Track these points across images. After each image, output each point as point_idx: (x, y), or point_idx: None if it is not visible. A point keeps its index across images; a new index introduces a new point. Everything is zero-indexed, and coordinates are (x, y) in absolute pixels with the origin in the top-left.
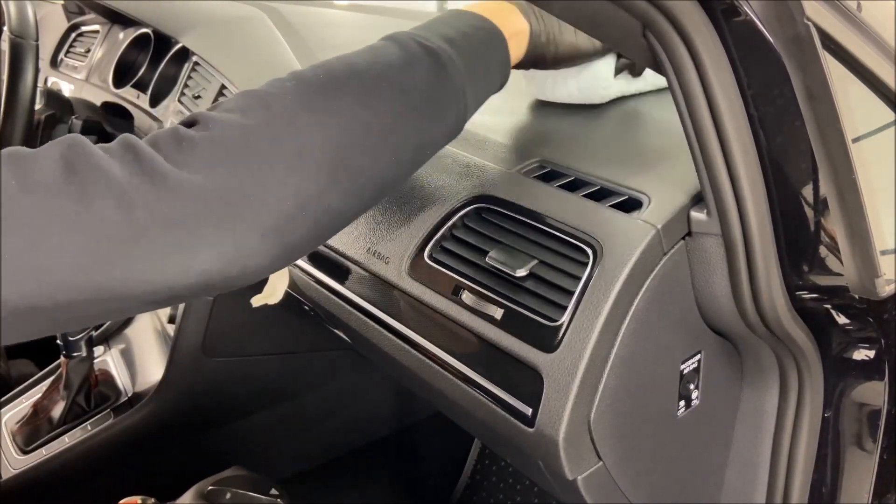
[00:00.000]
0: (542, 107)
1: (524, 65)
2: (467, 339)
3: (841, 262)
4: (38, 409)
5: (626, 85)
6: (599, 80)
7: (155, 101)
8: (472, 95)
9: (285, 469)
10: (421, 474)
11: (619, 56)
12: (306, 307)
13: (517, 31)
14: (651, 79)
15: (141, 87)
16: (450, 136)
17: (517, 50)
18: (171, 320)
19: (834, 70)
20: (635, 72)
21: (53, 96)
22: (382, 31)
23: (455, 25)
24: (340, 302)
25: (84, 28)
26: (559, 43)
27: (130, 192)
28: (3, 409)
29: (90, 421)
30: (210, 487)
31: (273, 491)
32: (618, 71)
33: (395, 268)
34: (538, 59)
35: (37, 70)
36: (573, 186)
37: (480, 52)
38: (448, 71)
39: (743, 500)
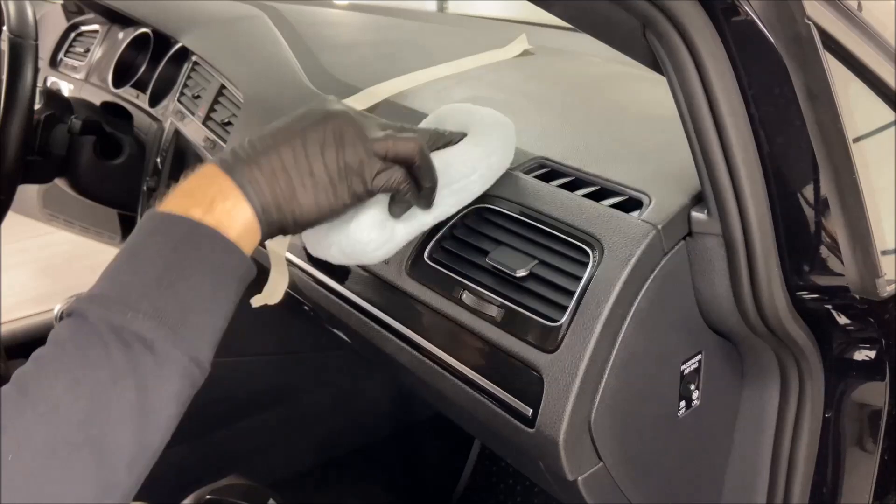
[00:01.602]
0: (542, 107)
1: (270, 237)
2: (467, 339)
3: (842, 263)
4: None
5: (414, 227)
6: (361, 243)
7: (154, 101)
8: (201, 345)
9: (285, 469)
10: (421, 474)
11: (393, 197)
12: (306, 307)
13: (243, 222)
14: (448, 208)
15: (140, 86)
16: (193, 386)
17: (251, 239)
18: None
19: (834, 70)
20: (425, 203)
21: (53, 96)
22: (382, 31)
23: (167, 276)
24: (340, 302)
25: (83, 28)
26: (295, 208)
27: None
28: None
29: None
30: (208, 497)
31: (271, 501)
32: (397, 214)
33: (395, 268)
34: (280, 231)
35: (36, 70)
36: (573, 186)
37: (206, 301)
38: (155, 361)
39: (743, 501)
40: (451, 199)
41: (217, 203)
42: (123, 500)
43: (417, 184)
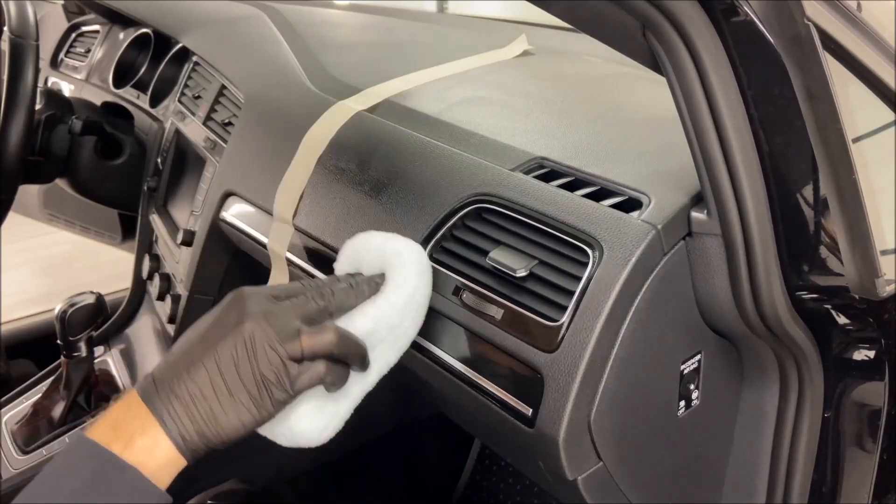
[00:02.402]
0: (543, 107)
1: (197, 458)
2: (467, 339)
3: (841, 263)
4: (38, 409)
5: (358, 393)
6: (305, 433)
7: (155, 102)
8: None
9: (284, 470)
10: (421, 474)
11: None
12: None
13: (163, 457)
14: (389, 358)
15: (141, 87)
16: None
17: (174, 470)
18: (172, 320)
19: (834, 70)
20: (360, 369)
21: (53, 96)
22: (382, 31)
23: None
24: None
25: (84, 28)
26: (219, 430)
27: None
28: (3, 409)
29: (90, 421)
30: (209, 502)
31: None
32: (335, 391)
33: None
34: (208, 450)
35: (37, 70)
36: (573, 186)
37: None
38: None
39: (743, 501)
40: (389, 351)
41: (136, 439)
42: None
43: (345, 363)
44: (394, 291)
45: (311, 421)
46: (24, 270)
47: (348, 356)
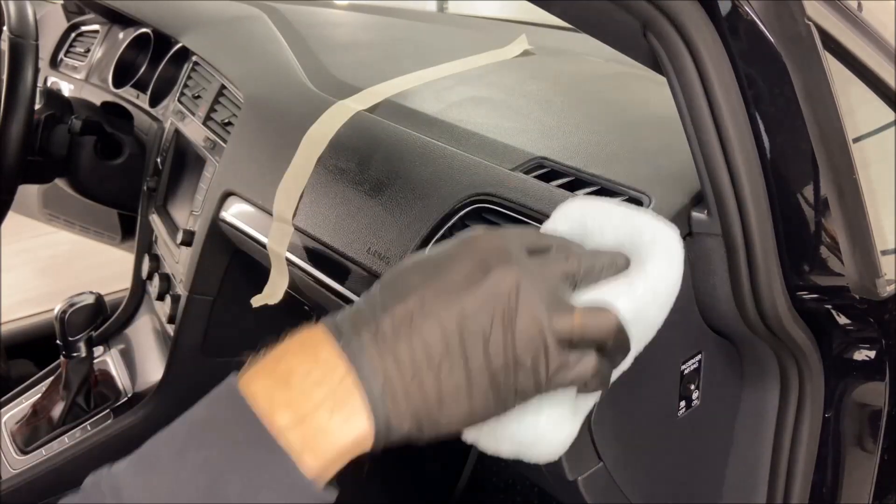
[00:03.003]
0: (543, 107)
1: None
2: None
3: (841, 263)
4: (38, 409)
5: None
6: (552, 442)
7: (155, 101)
8: None
9: None
10: (421, 474)
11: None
12: (306, 307)
13: (348, 442)
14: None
15: (141, 86)
16: None
17: (347, 459)
18: (171, 320)
19: (834, 70)
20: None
21: (53, 96)
22: (382, 31)
23: (212, 493)
24: (340, 302)
25: (84, 28)
26: (441, 419)
27: None
28: (3, 409)
29: (90, 421)
30: None
31: None
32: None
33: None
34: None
35: (36, 70)
36: (573, 186)
37: None
38: None
39: (743, 501)
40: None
41: (321, 414)
42: None
43: (609, 363)
44: (658, 278)
45: (560, 428)
46: (24, 270)
47: (617, 354)
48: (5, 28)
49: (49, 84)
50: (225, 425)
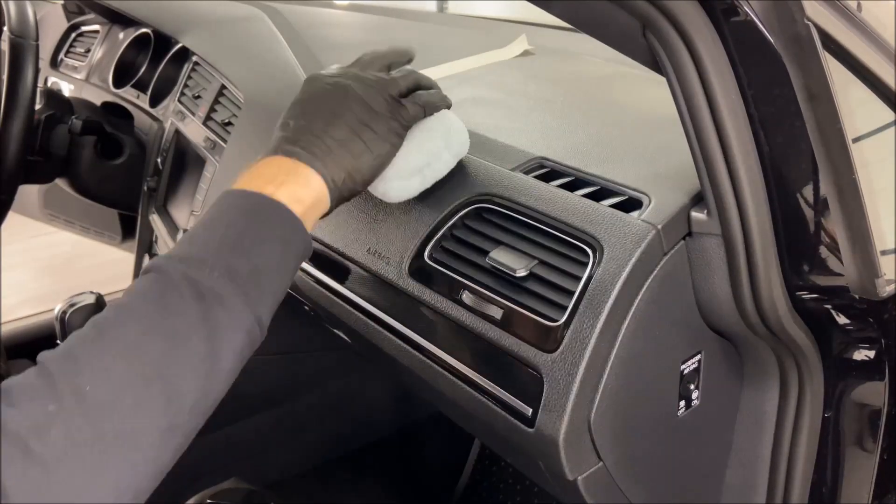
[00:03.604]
0: (543, 107)
1: (337, 206)
2: (467, 339)
3: (841, 263)
4: None
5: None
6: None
7: (155, 101)
8: (265, 308)
9: (284, 470)
10: (421, 474)
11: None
12: (306, 307)
13: (314, 197)
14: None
15: (141, 87)
16: (252, 346)
17: (318, 212)
18: None
19: (834, 70)
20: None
21: (53, 96)
22: (382, 31)
23: (242, 242)
24: (340, 302)
25: (84, 28)
26: (361, 167)
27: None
28: None
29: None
30: (208, 500)
31: None
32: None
33: (395, 268)
34: (348, 197)
35: (37, 70)
36: (573, 186)
37: (273, 269)
38: (226, 314)
39: (743, 501)
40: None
41: (290, 181)
42: (183, 442)
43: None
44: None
45: (458, 121)
46: (23, 270)
47: (432, 84)
48: (6, 28)
49: (49, 84)
50: (238, 205)
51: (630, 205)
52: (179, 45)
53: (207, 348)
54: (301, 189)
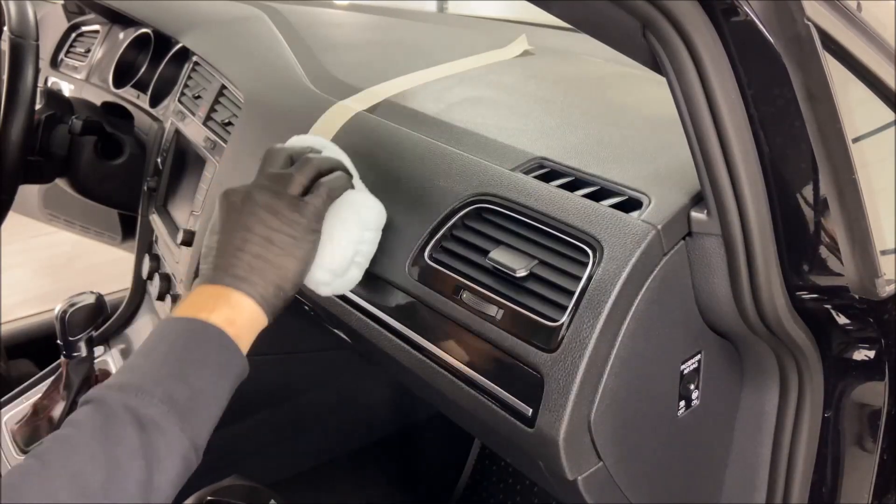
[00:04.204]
0: (543, 107)
1: (275, 316)
2: (467, 339)
3: (841, 263)
4: (38, 409)
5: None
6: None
7: (155, 102)
8: (200, 433)
9: (285, 469)
10: (421, 474)
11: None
12: (306, 307)
13: (249, 316)
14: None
15: (141, 87)
16: (188, 471)
17: (255, 329)
18: None
19: (834, 70)
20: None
21: (53, 96)
22: (382, 31)
23: (180, 367)
24: (340, 302)
25: (84, 28)
26: (286, 274)
27: None
28: (3, 409)
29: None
30: (209, 498)
31: (272, 502)
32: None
33: (395, 268)
34: (284, 305)
35: (37, 70)
36: (573, 186)
37: (209, 393)
38: (165, 442)
39: (743, 500)
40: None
41: (220, 305)
42: None
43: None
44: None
45: (368, 200)
46: (23, 270)
47: (333, 166)
48: (6, 28)
49: (49, 84)
50: (176, 332)
51: (630, 205)
52: (179, 45)
53: (146, 477)
54: (232, 312)
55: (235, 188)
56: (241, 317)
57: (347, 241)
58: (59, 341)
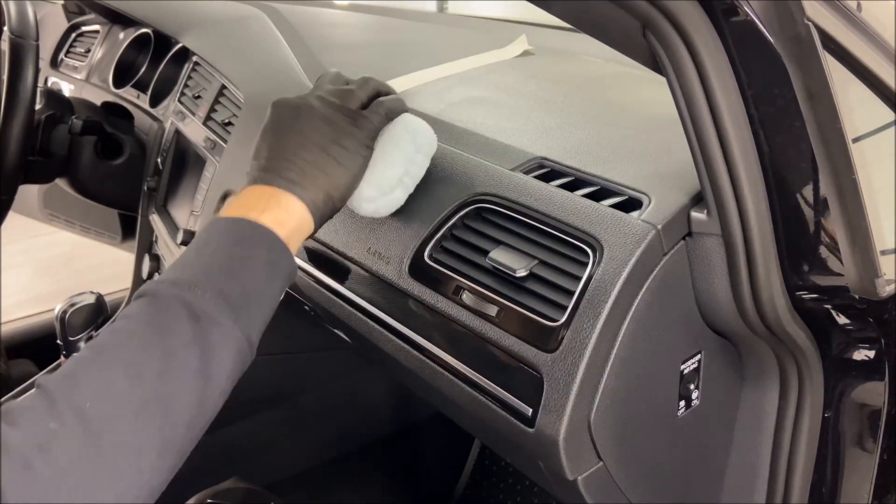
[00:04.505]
0: (543, 107)
1: (321, 224)
2: (467, 339)
3: (841, 263)
4: None
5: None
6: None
7: (155, 101)
8: (254, 329)
9: (285, 469)
10: (421, 474)
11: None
12: (306, 307)
13: (297, 219)
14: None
15: (141, 87)
16: (243, 365)
17: (303, 234)
18: None
19: (834, 70)
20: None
21: (53, 96)
22: (382, 31)
23: (231, 266)
24: (340, 302)
25: (84, 28)
26: (338, 185)
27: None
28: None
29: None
30: (209, 500)
31: None
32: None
33: (395, 268)
34: (330, 215)
35: (37, 70)
36: (573, 186)
37: (261, 291)
38: (219, 333)
39: (743, 501)
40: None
41: (271, 207)
42: (178, 459)
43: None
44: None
45: (420, 121)
46: (23, 270)
47: (389, 90)
48: (6, 28)
49: (49, 84)
50: (226, 231)
51: (630, 205)
52: (179, 45)
53: (202, 366)
54: (283, 213)
55: (287, 98)
56: (291, 219)
57: (400, 160)
58: (59, 341)
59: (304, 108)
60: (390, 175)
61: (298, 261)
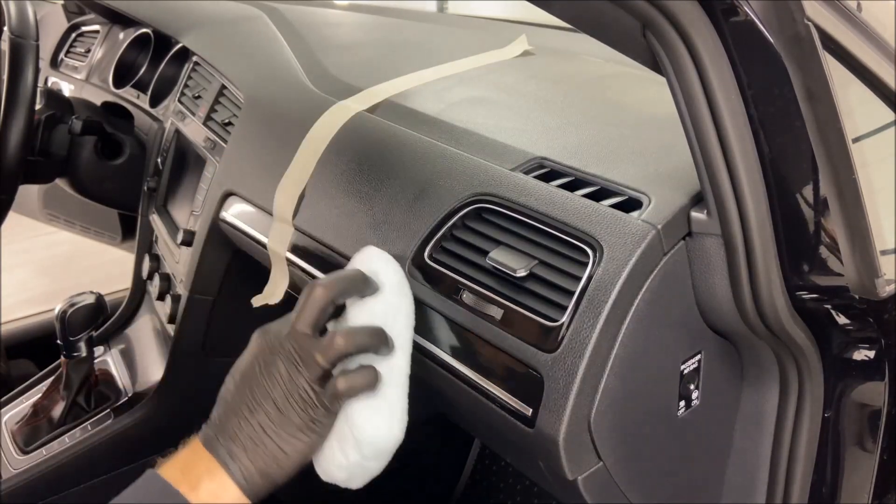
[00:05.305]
0: (543, 107)
1: (260, 498)
2: (467, 339)
3: (841, 263)
4: (38, 409)
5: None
6: (372, 440)
7: (155, 102)
8: None
9: None
10: (421, 474)
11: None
12: None
13: (227, 497)
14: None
15: (141, 87)
16: None
17: None
18: (171, 320)
19: (834, 70)
20: (387, 348)
21: (53, 96)
22: (382, 31)
23: None
24: None
25: (84, 28)
26: (277, 463)
27: None
28: (3, 409)
29: (90, 421)
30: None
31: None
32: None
33: None
34: (268, 489)
35: (37, 70)
36: (573, 186)
37: None
38: None
39: (743, 501)
40: (400, 329)
41: (203, 483)
42: None
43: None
44: (376, 298)
45: (372, 424)
46: (23, 270)
47: (367, 345)
48: (6, 28)
49: (49, 84)
50: (151, 495)
51: (630, 205)
52: (179, 45)
53: None
54: (218, 491)
55: (273, 333)
56: (224, 496)
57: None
58: (59, 341)
59: (269, 364)
60: (339, 462)
61: (298, 260)
